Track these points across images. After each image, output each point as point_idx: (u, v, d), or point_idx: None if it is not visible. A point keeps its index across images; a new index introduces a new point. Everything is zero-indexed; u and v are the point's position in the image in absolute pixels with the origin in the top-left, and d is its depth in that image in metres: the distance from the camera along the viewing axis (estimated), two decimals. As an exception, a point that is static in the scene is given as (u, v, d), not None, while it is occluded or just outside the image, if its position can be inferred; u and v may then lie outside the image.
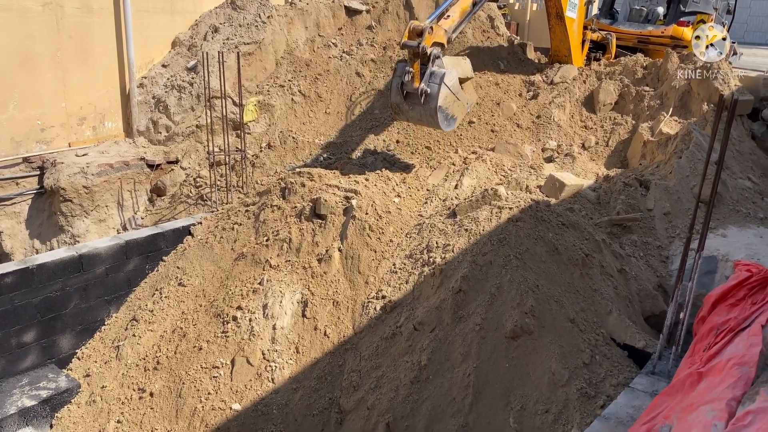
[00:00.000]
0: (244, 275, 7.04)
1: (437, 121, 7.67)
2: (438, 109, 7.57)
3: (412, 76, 7.54)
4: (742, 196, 7.67)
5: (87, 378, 6.88)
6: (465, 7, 8.30)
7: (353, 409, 5.76)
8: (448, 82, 7.65)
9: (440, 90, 7.52)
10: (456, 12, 8.11)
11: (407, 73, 7.54)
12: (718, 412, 3.84)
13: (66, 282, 7.03)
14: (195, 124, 9.57)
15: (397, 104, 7.87)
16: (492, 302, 5.65)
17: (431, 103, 7.57)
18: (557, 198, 7.53)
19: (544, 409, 5.02)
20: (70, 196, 8.37)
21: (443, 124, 7.79)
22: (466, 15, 8.41)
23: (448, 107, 7.75)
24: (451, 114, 7.88)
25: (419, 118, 7.88)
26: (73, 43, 8.98)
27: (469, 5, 8.37)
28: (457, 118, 8.05)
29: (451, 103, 7.79)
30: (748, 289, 5.27)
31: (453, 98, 7.80)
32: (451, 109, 7.82)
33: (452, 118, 7.94)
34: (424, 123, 8.05)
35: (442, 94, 7.54)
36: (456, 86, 7.84)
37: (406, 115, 8.01)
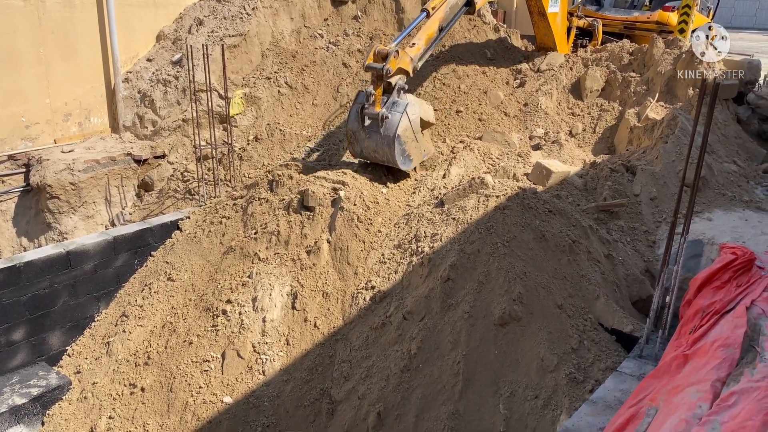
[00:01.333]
0: (233, 269, 7.03)
1: (393, 152, 7.35)
2: (396, 138, 7.28)
3: (373, 101, 7.30)
4: (727, 179, 7.72)
5: (78, 375, 6.87)
6: (431, 34, 8.01)
7: (344, 399, 5.79)
8: (411, 113, 7.44)
9: (402, 119, 7.29)
10: (422, 39, 7.85)
11: (369, 95, 7.32)
12: (703, 394, 3.89)
13: (54, 279, 7.00)
14: (181, 118, 9.51)
15: (353, 131, 7.56)
16: (480, 290, 5.68)
17: (390, 131, 7.29)
18: (544, 185, 7.55)
19: (534, 395, 5.06)
20: (56, 193, 8.31)
21: (398, 158, 7.45)
22: (432, 41, 8.12)
23: (406, 142, 7.46)
24: (408, 152, 7.58)
25: (374, 147, 7.51)
26: (56, 39, 8.90)
27: (435, 31, 8.09)
28: (413, 159, 7.74)
29: (410, 139, 7.52)
30: (733, 272, 5.33)
31: (412, 135, 7.54)
32: (408, 146, 7.54)
33: (408, 157, 7.62)
34: (379, 155, 7.60)
35: (403, 123, 7.30)
36: (417, 124, 7.60)
37: (360, 145, 7.64)
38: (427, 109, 8.11)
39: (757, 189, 7.78)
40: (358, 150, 7.79)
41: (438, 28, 8.17)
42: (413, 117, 7.55)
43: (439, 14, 8.14)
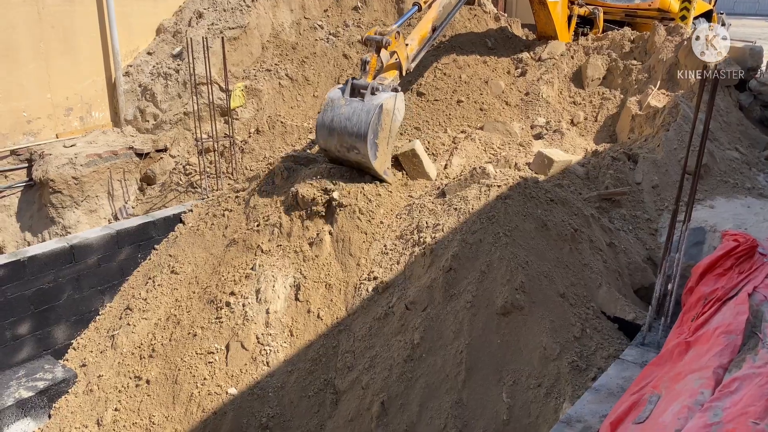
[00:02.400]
0: (236, 261, 7.05)
1: (369, 122, 6.70)
2: (379, 109, 6.76)
3: (368, 70, 6.96)
4: (729, 167, 7.71)
5: (83, 368, 6.91)
6: (424, 34, 7.86)
7: (348, 390, 5.82)
8: (399, 107, 7.09)
9: (392, 99, 6.96)
10: (415, 40, 7.69)
11: (365, 63, 6.98)
12: (705, 380, 3.90)
13: (58, 273, 7.04)
14: (182, 112, 9.52)
15: (332, 99, 7.03)
16: (482, 280, 5.69)
17: (376, 100, 6.81)
18: (546, 174, 7.55)
19: (537, 383, 5.08)
20: (59, 187, 8.34)
21: (371, 133, 6.76)
22: (426, 41, 7.97)
23: (383, 126, 6.91)
24: (379, 138, 6.92)
25: (349, 115, 6.83)
26: (56, 33, 8.90)
27: (428, 31, 7.96)
28: (378, 152, 6.98)
29: (386, 128, 6.97)
30: (735, 259, 5.32)
31: (389, 127, 7.00)
32: (383, 133, 6.94)
33: (375, 144, 6.89)
34: (350, 125, 6.82)
35: (390, 103, 6.93)
36: (397, 123, 7.16)
37: (333, 112, 6.95)
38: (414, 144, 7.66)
39: (759, 176, 7.76)
40: (329, 118, 6.97)
41: (431, 28, 8.08)
42: (399, 112, 7.19)
43: (432, 13, 8.07)
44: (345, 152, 7.05)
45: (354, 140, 6.86)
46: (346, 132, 6.89)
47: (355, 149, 6.92)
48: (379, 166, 7.11)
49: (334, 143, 7.06)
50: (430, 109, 9.52)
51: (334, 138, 7.00)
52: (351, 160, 7.16)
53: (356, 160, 7.06)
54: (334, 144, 7.06)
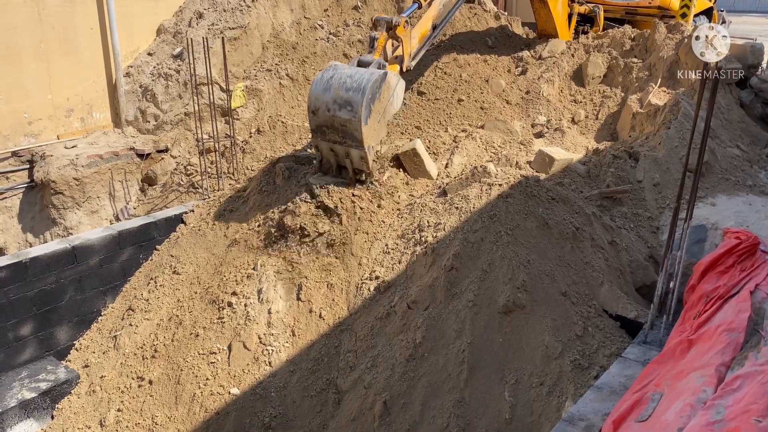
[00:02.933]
0: (237, 261, 7.06)
1: (369, 80, 6.50)
2: (384, 76, 6.62)
3: (375, 46, 6.87)
4: (731, 164, 7.71)
5: (86, 368, 6.92)
6: (424, 32, 7.86)
7: (350, 389, 5.82)
8: (400, 89, 7.05)
9: (396, 76, 6.92)
10: (415, 37, 7.69)
11: (373, 39, 6.88)
12: (707, 378, 3.90)
13: (60, 274, 7.04)
14: (183, 112, 9.52)
15: (336, 65, 6.88)
16: (484, 278, 5.69)
17: (379, 73, 6.68)
18: (547, 173, 7.55)
19: (539, 382, 5.08)
20: (61, 188, 8.35)
21: (365, 100, 6.50)
22: (426, 40, 7.96)
23: (382, 95, 6.75)
24: (373, 110, 6.71)
25: (349, 75, 6.64)
26: (57, 34, 8.90)
27: (429, 29, 7.95)
28: (371, 116, 6.71)
29: (382, 106, 6.81)
30: (737, 257, 5.32)
31: (385, 104, 6.84)
32: (378, 105, 6.75)
33: (370, 105, 6.63)
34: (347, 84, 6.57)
35: (393, 79, 6.87)
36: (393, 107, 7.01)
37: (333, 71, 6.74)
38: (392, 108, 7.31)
39: (760, 173, 7.76)
40: (328, 75, 6.75)
41: (431, 26, 8.08)
42: (397, 98, 7.00)
43: (432, 11, 8.07)
44: (336, 110, 6.61)
45: (351, 95, 6.54)
46: (343, 87, 6.60)
47: (349, 106, 6.53)
48: (366, 133, 6.67)
49: (326, 99, 6.67)
50: (431, 108, 9.52)
51: (329, 93, 6.65)
52: (338, 124, 6.69)
53: (345, 120, 6.60)
54: (327, 100, 6.66)
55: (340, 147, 6.92)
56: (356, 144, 6.75)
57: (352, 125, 6.62)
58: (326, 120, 6.77)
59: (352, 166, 6.99)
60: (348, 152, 6.90)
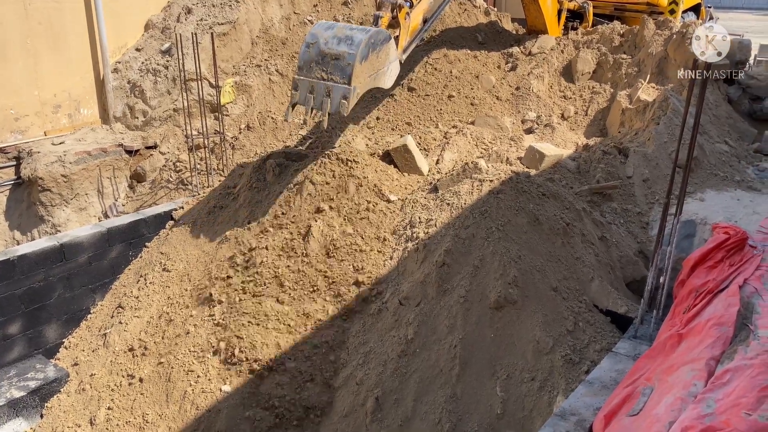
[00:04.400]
0: (227, 258, 7.02)
1: (372, 29, 6.58)
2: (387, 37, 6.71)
3: (380, 23, 6.88)
4: (719, 159, 7.76)
5: (75, 367, 6.87)
6: (415, 26, 7.84)
7: (342, 386, 5.82)
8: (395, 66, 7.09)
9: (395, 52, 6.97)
10: (407, 30, 7.63)
11: (378, 18, 6.89)
12: (697, 372, 3.93)
13: (48, 272, 6.99)
14: (172, 108, 9.46)
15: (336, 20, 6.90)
16: (475, 274, 5.70)
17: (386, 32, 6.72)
18: (537, 169, 7.57)
19: (530, 377, 5.10)
20: (48, 185, 8.27)
21: (371, 38, 6.52)
22: (417, 34, 7.94)
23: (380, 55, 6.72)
24: (370, 53, 6.63)
25: (348, 26, 6.70)
26: (43, 29, 8.80)
27: (419, 23, 7.95)
28: (366, 62, 6.62)
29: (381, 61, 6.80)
30: (726, 251, 5.37)
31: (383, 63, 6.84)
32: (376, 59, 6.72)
33: (367, 51, 6.55)
34: (352, 26, 6.68)
35: (393, 47, 6.93)
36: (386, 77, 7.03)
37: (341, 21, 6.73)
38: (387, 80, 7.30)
39: (748, 169, 7.82)
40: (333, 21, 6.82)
41: (422, 20, 8.05)
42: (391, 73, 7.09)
43: (423, 5, 8.05)
44: (334, 45, 6.49)
45: (354, 32, 6.52)
46: (348, 27, 6.65)
47: (350, 40, 6.44)
48: (358, 71, 6.50)
49: (327, 35, 6.60)
50: (422, 104, 9.51)
51: (331, 30, 6.62)
52: (330, 58, 6.51)
53: (340, 53, 6.45)
54: (327, 36, 6.59)
55: (322, 86, 6.58)
56: (343, 80, 6.49)
57: (346, 59, 6.45)
58: (319, 53, 6.59)
59: (328, 109, 6.62)
60: (329, 91, 6.55)
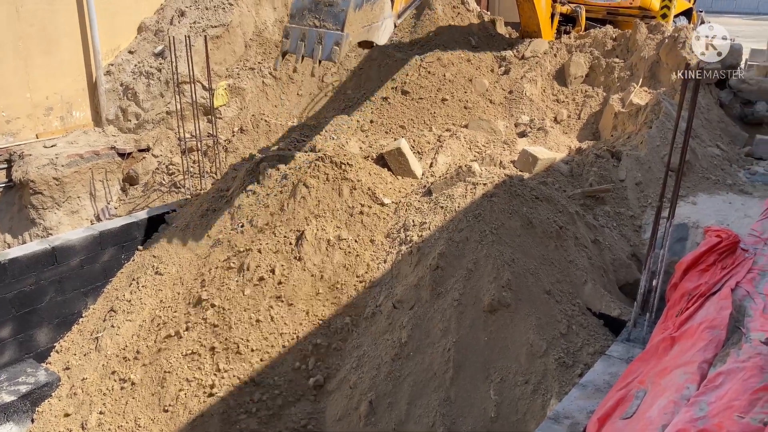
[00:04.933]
0: (220, 262, 7.00)
1: None
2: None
3: None
4: (711, 163, 7.80)
5: (67, 371, 6.83)
6: None
7: (336, 389, 5.81)
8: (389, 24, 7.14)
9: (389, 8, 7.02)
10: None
11: None
12: (690, 375, 3.94)
13: (40, 275, 6.94)
14: (165, 111, 9.43)
15: None
16: (469, 277, 5.70)
17: None
18: (531, 172, 7.59)
19: (524, 380, 5.10)
20: (40, 188, 8.23)
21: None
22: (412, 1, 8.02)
23: (375, 8, 6.76)
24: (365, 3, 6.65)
25: None
26: (35, 32, 8.77)
27: None
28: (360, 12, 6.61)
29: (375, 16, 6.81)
30: (718, 255, 5.39)
31: (377, 17, 6.82)
32: (371, 11, 6.72)
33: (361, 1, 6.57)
34: None
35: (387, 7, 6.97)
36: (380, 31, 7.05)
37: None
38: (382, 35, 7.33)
39: (740, 172, 7.86)
40: None
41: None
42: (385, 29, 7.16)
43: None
44: None
45: None
46: None
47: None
48: (352, 18, 6.46)
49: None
50: (415, 107, 9.52)
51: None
52: (324, 5, 6.50)
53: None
54: None
55: (314, 32, 6.55)
56: (336, 27, 6.46)
57: (339, 5, 6.43)
58: (312, 1, 6.56)
59: (319, 56, 6.58)
60: (321, 38, 6.52)
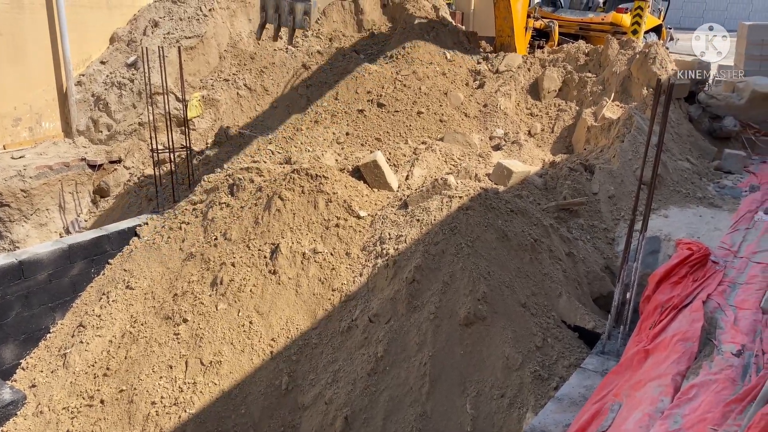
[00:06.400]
0: (193, 275, 6.89)
1: None
2: None
3: None
4: (681, 177, 7.93)
5: (33, 389, 6.63)
6: None
7: (311, 405, 5.73)
8: None
9: None
10: None
11: None
12: (664, 388, 3.98)
13: (6, 290, 6.74)
14: (137, 122, 9.30)
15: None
16: (445, 291, 5.69)
17: None
18: (506, 185, 7.63)
19: (500, 394, 5.10)
20: (7, 200, 8.03)
21: None
22: None
23: None
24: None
25: None
26: (4, 41, 8.60)
27: None
28: None
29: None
30: (690, 267, 5.48)
31: None
32: None
33: None
34: None
35: None
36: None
37: None
38: None
39: (709, 186, 8.01)
40: None
41: None
42: None
43: None
44: None
45: None
46: None
47: None
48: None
49: None
50: (391, 120, 9.54)
51: None
52: None
53: None
54: None
55: (285, 4, 7.43)
56: None
57: None
58: None
59: (293, 26, 7.50)
60: (292, 7, 7.39)
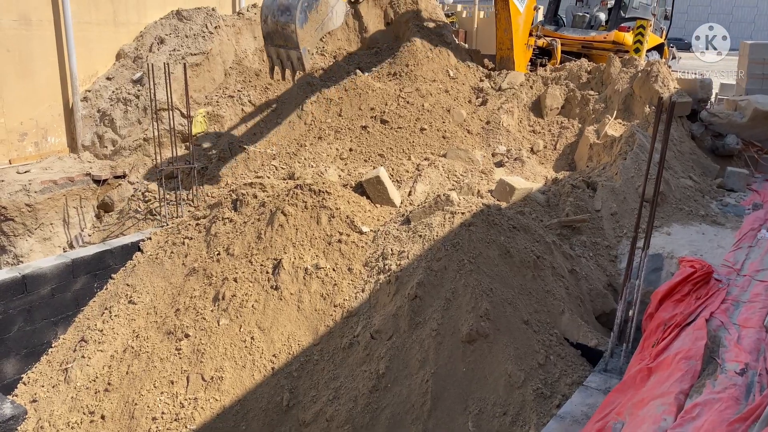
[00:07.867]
0: (196, 291, 6.89)
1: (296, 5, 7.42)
2: None
3: None
4: (684, 194, 7.94)
5: (34, 403, 6.61)
6: None
7: (312, 422, 5.70)
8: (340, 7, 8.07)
9: None
10: None
11: None
12: (667, 407, 3.95)
13: (8, 304, 6.76)
14: (142, 137, 9.36)
15: None
16: (447, 307, 5.69)
17: None
18: (508, 202, 7.64)
19: (502, 411, 5.07)
20: (11, 214, 8.06)
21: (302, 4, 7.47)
22: None
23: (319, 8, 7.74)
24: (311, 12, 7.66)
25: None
26: (11, 57, 8.69)
27: None
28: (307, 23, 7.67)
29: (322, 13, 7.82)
30: (693, 285, 5.46)
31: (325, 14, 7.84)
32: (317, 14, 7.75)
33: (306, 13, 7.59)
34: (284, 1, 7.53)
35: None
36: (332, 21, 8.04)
37: None
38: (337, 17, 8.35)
39: (712, 203, 8.01)
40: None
41: None
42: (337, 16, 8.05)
43: None
44: (278, 16, 7.55)
45: (290, 1, 7.49)
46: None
47: (288, 11, 7.49)
48: (302, 36, 7.60)
49: (273, 7, 7.61)
50: (394, 136, 9.59)
51: (275, 2, 7.60)
52: (280, 28, 7.60)
53: (284, 24, 7.53)
54: (273, 8, 7.60)
55: (283, 51, 7.87)
56: (293, 46, 7.69)
57: (290, 28, 7.57)
58: (273, 26, 7.73)
59: (293, 68, 8.01)
60: (289, 54, 7.86)
